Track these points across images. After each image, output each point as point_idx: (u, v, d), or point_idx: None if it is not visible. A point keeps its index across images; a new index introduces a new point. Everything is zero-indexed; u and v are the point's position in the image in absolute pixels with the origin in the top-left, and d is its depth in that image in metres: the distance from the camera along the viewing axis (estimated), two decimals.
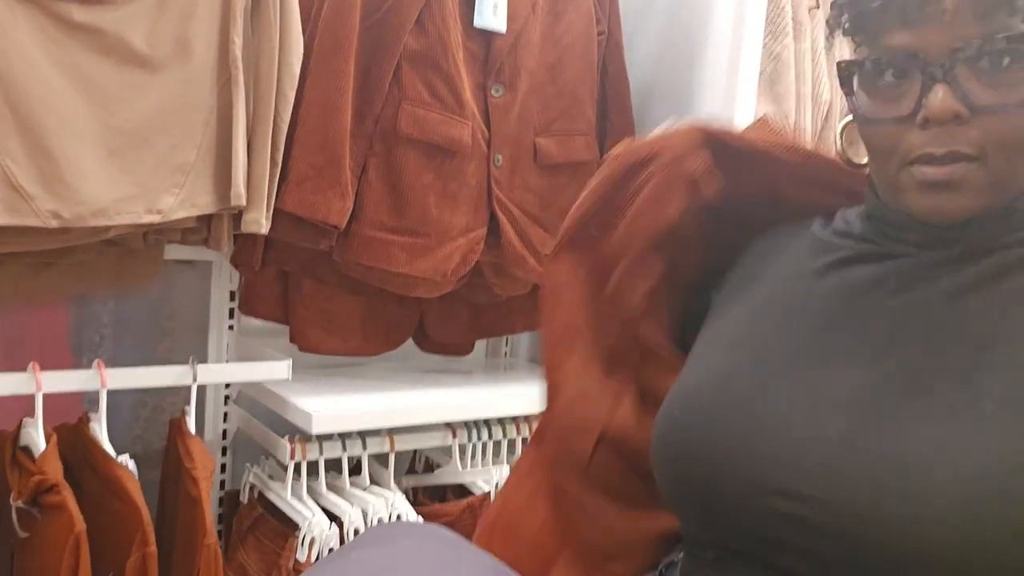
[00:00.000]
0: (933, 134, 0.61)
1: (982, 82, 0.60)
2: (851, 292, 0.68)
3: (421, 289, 1.51)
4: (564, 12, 1.55)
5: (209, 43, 1.19)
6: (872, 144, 0.66)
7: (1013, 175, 0.63)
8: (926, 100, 0.61)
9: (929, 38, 0.61)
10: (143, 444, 1.65)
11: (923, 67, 0.61)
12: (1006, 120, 0.61)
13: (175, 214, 1.19)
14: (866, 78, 0.65)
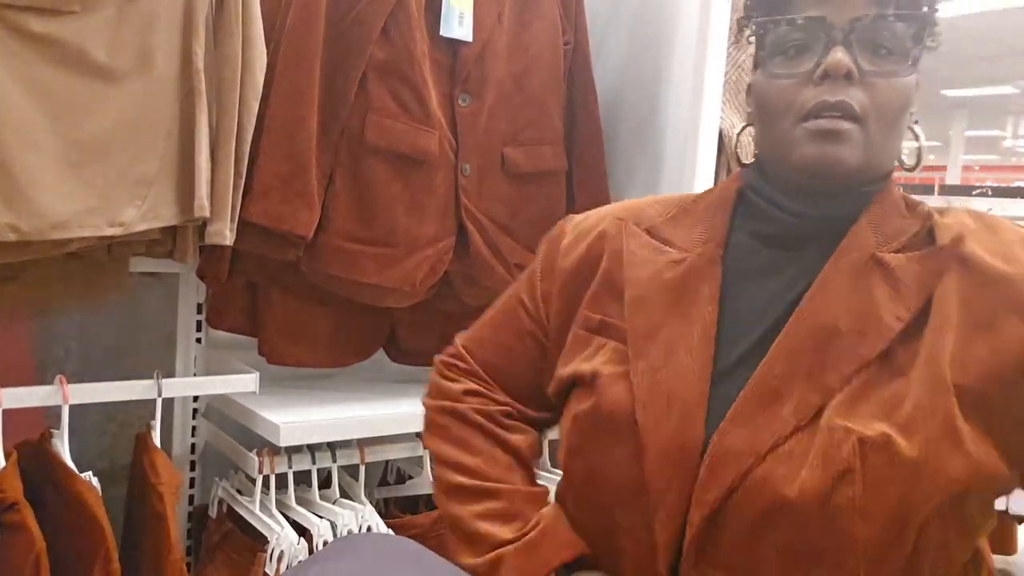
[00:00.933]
0: (827, 87, 0.72)
1: (869, 53, 0.73)
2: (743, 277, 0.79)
3: (391, 299, 1.50)
4: (530, 22, 1.56)
5: (171, 54, 1.18)
6: (771, 101, 0.76)
7: (884, 147, 0.75)
8: (826, 59, 0.72)
9: (832, 10, 0.73)
10: (110, 460, 1.63)
11: (827, 30, 0.73)
12: (884, 89, 0.73)
13: (137, 226, 1.18)
14: (775, 39, 0.76)
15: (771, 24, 0.76)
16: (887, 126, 0.74)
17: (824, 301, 0.73)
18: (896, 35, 0.73)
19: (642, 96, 1.68)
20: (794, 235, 0.78)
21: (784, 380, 0.71)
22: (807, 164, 0.74)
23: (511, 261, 1.56)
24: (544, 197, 1.60)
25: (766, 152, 0.80)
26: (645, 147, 1.68)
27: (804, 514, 0.67)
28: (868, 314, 0.71)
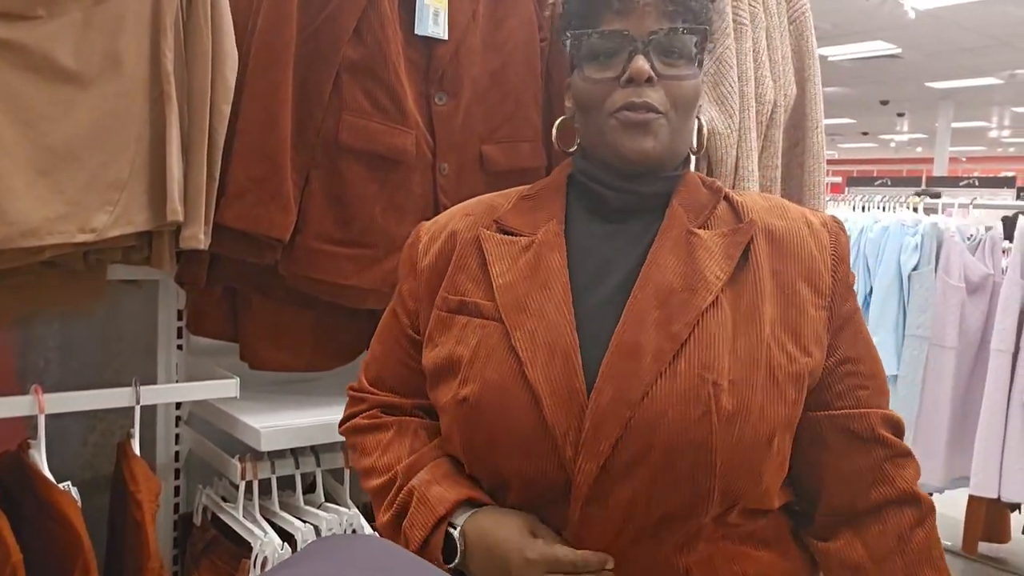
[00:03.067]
0: (632, 90, 0.89)
1: (663, 60, 0.91)
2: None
3: (372, 301, 1.49)
4: (506, 19, 1.55)
5: (139, 57, 1.17)
6: (588, 100, 0.93)
7: (681, 134, 0.93)
8: (629, 65, 0.89)
9: (633, 24, 0.90)
10: (92, 470, 1.62)
11: (630, 42, 0.90)
12: (678, 87, 0.91)
13: (110, 232, 1.16)
14: (588, 52, 0.92)
15: (584, 36, 0.92)
16: (682, 118, 0.93)
17: (658, 268, 0.89)
18: (684, 45, 0.92)
19: None
20: (619, 209, 0.95)
21: (639, 335, 0.85)
22: (621, 152, 0.91)
23: None
24: None
25: (587, 141, 0.96)
26: None
27: (674, 449, 0.82)
28: (694, 275, 0.88)
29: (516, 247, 0.94)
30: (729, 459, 0.82)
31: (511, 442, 0.86)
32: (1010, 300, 2.88)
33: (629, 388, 0.82)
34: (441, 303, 0.95)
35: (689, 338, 0.84)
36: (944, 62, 10.52)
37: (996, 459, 2.89)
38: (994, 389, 2.90)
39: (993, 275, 3.02)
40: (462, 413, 0.89)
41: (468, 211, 1.02)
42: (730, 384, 0.83)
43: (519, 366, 0.85)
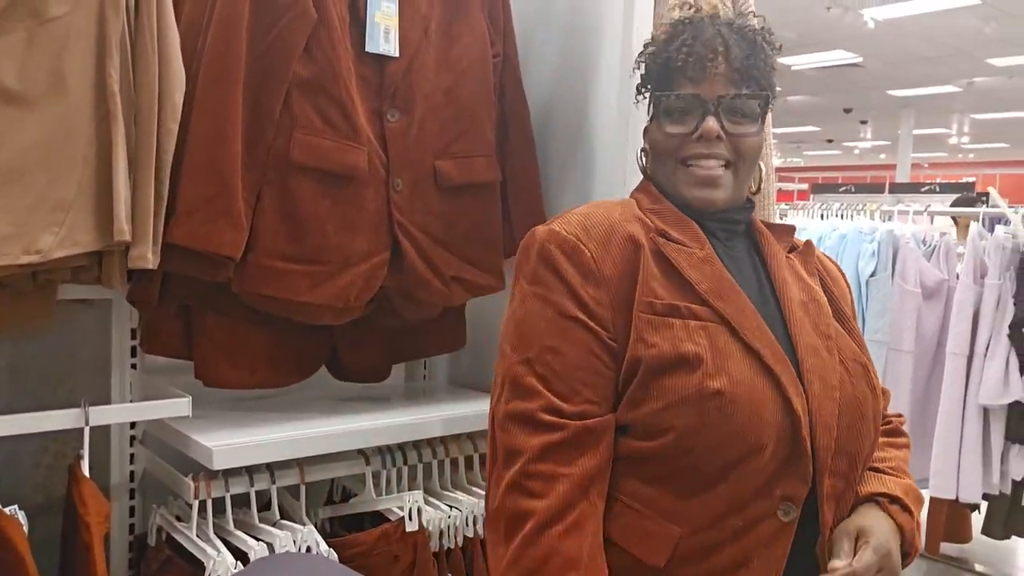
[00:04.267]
0: (703, 144, 1.09)
1: (730, 120, 1.09)
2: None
3: (327, 316, 1.49)
4: (459, 36, 1.57)
5: (85, 77, 1.16)
6: (663, 150, 1.12)
7: (744, 182, 1.13)
8: (702, 124, 1.08)
9: (705, 89, 1.09)
10: (45, 492, 1.60)
11: (702, 104, 1.09)
12: (742, 143, 1.10)
13: (55, 253, 1.16)
14: (666, 109, 1.11)
15: (663, 97, 1.11)
16: (747, 169, 1.12)
17: (787, 285, 1.11)
18: (748, 107, 1.09)
19: (573, 106, 1.69)
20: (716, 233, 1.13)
21: (807, 337, 1.06)
22: (691, 201, 1.10)
23: (447, 274, 1.56)
24: (479, 209, 1.61)
25: (658, 181, 1.15)
26: (577, 156, 1.69)
27: (864, 416, 1.06)
28: (809, 288, 1.12)
29: (695, 258, 1.07)
30: (878, 417, 1.10)
31: (762, 430, 0.98)
32: (963, 304, 2.94)
33: (827, 376, 1.04)
34: (646, 307, 1.02)
35: (833, 335, 1.08)
36: (904, 71, 10.73)
37: (954, 461, 2.94)
38: (950, 392, 2.95)
39: (948, 280, 3.08)
40: (714, 404, 0.97)
41: (623, 217, 1.09)
42: (866, 363, 1.10)
43: (760, 362, 1.00)
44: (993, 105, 12.94)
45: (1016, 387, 2.84)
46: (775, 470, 0.99)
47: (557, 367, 0.99)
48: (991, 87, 11.46)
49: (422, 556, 1.49)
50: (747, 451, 0.98)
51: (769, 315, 1.06)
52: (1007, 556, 3.64)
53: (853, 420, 1.04)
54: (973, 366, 2.93)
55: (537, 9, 1.77)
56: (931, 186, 9.13)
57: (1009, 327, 2.84)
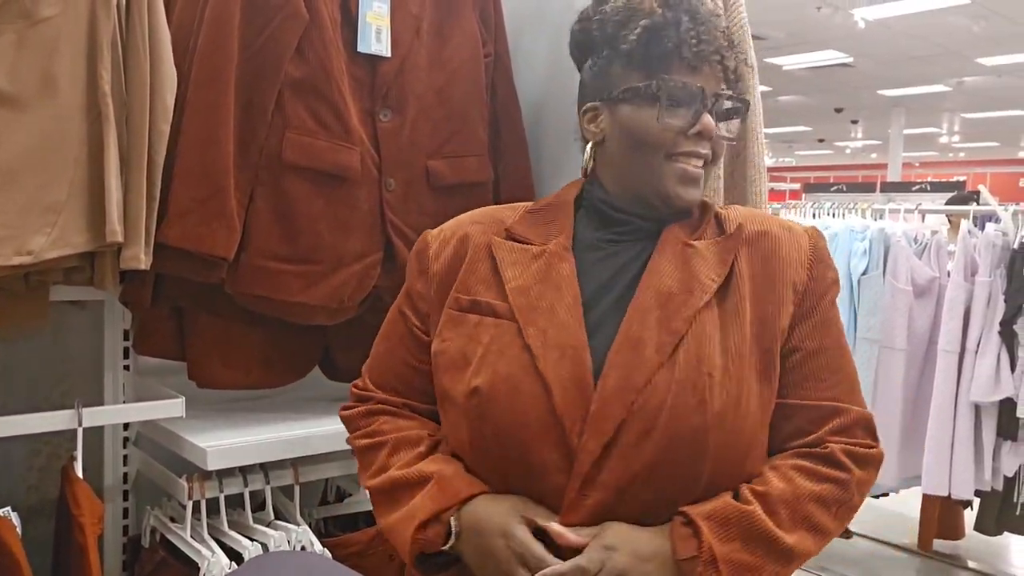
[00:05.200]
0: (696, 141, 1.00)
1: (720, 120, 1.02)
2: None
3: (320, 317, 1.49)
4: (450, 36, 1.57)
5: (76, 78, 1.16)
6: (655, 140, 1.00)
7: (709, 181, 1.08)
8: (701, 120, 0.99)
9: (705, 80, 1.00)
10: (38, 494, 1.59)
11: (702, 98, 0.99)
12: (720, 145, 1.03)
13: (47, 254, 1.16)
14: (668, 94, 0.98)
15: (666, 82, 0.99)
16: (714, 168, 1.08)
17: (657, 275, 0.98)
18: (736, 111, 1.04)
19: (565, 106, 1.68)
20: (624, 231, 1.03)
21: (642, 331, 0.93)
22: (672, 198, 1.01)
23: None
24: (471, 209, 1.60)
25: (625, 174, 1.04)
26: (570, 156, 1.69)
27: (674, 435, 0.89)
28: (691, 279, 0.97)
29: (527, 255, 1.02)
30: (719, 445, 0.90)
31: (520, 431, 0.92)
32: (955, 302, 2.95)
33: (633, 376, 0.91)
34: (453, 302, 1.02)
35: (687, 334, 0.93)
36: (894, 70, 10.78)
37: (946, 458, 2.96)
38: (942, 389, 2.97)
39: (939, 278, 3.09)
40: (473, 403, 0.95)
41: (476, 219, 1.10)
42: (722, 376, 0.92)
43: (531, 360, 0.93)
44: (983, 104, 13.02)
45: (1007, 384, 2.85)
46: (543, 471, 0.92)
47: (377, 359, 1.13)
48: (981, 86, 11.53)
49: None
50: (513, 448, 0.93)
51: (621, 309, 0.97)
52: (1000, 552, 3.66)
53: (651, 429, 0.89)
54: (964, 363, 2.94)
55: (528, 8, 1.77)
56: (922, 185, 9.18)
57: (1000, 324, 2.85)
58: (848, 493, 0.94)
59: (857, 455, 0.95)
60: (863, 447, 0.96)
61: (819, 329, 0.99)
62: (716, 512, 0.89)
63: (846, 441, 0.96)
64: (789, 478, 0.92)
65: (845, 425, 0.96)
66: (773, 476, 0.93)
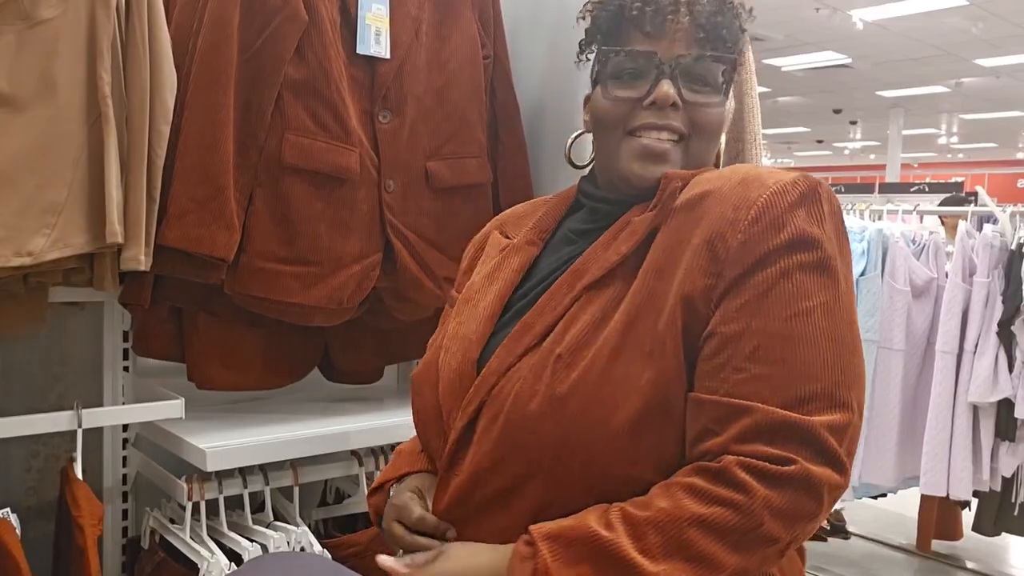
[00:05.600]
0: (655, 112, 0.89)
1: (689, 85, 0.90)
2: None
3: (319, 318, 1.49)
4: (449, 38, 1.57)
5: (75, 80, 1.16)
6: (607, 118, 0.92)
7: (702, 156, 0.91)
8: (655, 89, 0.88)
9: (662, 47, 0.89)
10: (37, 496, 1.59)
11: (657, 64, 0.89)
12: (702, 113, 0.90)
13: (47, 255, 1.16)
14: (614, 69, 0.91)
15: (611, 54, 0.91)
16: (703, 144, 0.92)
17: (583, 259, 0.89)
18: (711, 72, 0.90)
19: (563, 106, 1.70)
20: (601, 219, 0.93)
21: (540, 317, 0.87)
22: (630, 176, 0.90)
23: (440, 275, 1.57)
24: (470, 210, 1.61)
25: (598, 158, 0.97)
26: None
27: (512, 420, 0.82)
28: (600, 259, 0.87)
29: (498, 248, 1.02)
30: (562, 434, 0.79)
31: (421, 418, 0.97)
32: (953, 303, 2.95)
33: (504, 361, 0.86)
34: (450, 300, 1.06)
35: (564, 315, 0.85)
36: (892, 71, 10.79)
37: (944, 459, 2.96)
38: (940, 390, 2.97)
39: (937, 278, 3.10)
40: (412, 388, 1.00)
41: (498, 218, 1.11)
42: (573, 361, 0.80)
43: (440, 353, 0.95)
44: (981, 105, 13.03)
45: (1005, 384, 2.85)
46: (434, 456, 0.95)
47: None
48: (979, 87, 11.54)
49: None
50: (421, 435, 0.99)
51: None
52: (998, 553, 3.66)
53: (498, 415, 0.83)
54: (963, 364, 2.95)
55: (526, 9, 1.77)
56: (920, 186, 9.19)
57: (998, 325, 2.86)
58: (749, 519, 0.72)
59: (761, 471, 0.73)
60: (773, 460, 0.73)
61: (747, 307, 0.77)
62: (563, 532, 0.76)
63: (748, 452, 0.74)
64: (674, 497, 0.75)
65: (749, 430, 0.75)
66: (657, 493, 0.76)
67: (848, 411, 0.77)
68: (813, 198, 0.81)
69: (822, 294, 0.78)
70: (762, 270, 0.79)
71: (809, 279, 0.78)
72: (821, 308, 0.78)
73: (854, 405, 0.78)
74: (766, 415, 0.75)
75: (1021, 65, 10.05)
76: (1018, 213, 2.98)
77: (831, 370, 0.77)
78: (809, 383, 0.76)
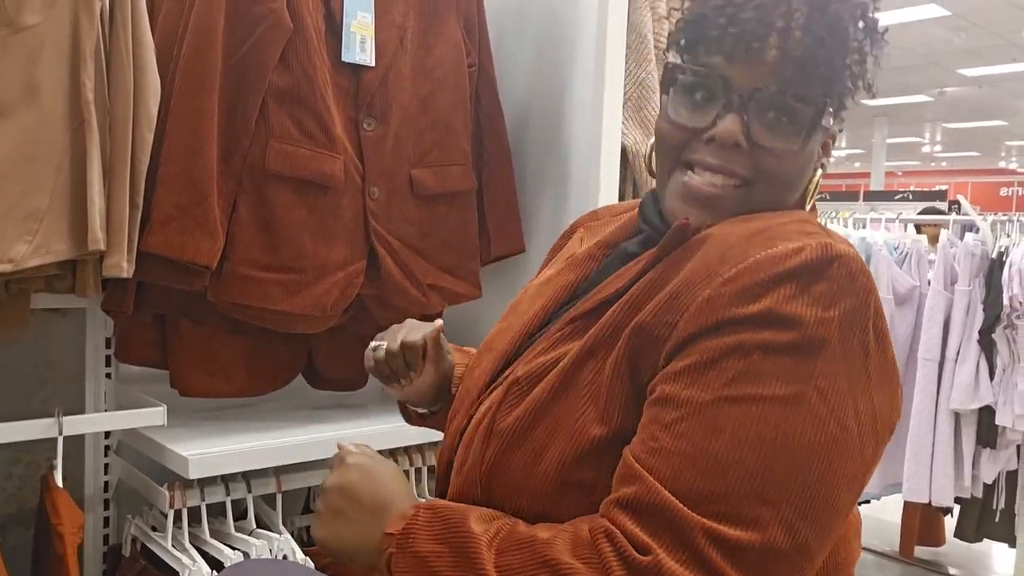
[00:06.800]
0: (714, 150, 0.77)
1: (763, 124, 0.76)
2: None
3: (302, 325, 1.49)
4: (434, 46, 1.58)
5: (59, 86, 1.16)
6: (664, 141, 0.81)
7: (772, 204, 0.78)
8: (720, 121, 0.76)
9: (740, 72, 0.76)
10: (18, 503, 1.58)
11: (727, 91, 0.76)
12: (772, 159, 0.76)
13: (29, 262, 1.15)
14: (683, 86, 0.79)
15: (678, 70, 0.80)
16: (775, 192, 0.78)
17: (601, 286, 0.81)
18: (794, 111, 0.76)
19: (548, 114, 1.71)
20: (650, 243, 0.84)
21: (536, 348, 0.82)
22: (672, 216, 0.80)
23: (424, 282, 1.57)
24: (455, 217, 1.62)
25: (656, 178, 0.85)
26: (553, 163, 1.71)
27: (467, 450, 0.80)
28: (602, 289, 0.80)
29: (565, 255, 0.97)
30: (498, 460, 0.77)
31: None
32: (935, 311, 2.98)
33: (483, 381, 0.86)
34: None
35: (542, 346, 0.81)
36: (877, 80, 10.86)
37: (926, 465, 2.98)
38: (922, 397, 2.99)
39: (919, 286, 3.13)
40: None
41: (595, 211, 1.05)
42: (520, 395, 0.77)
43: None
44: (964, 114, 13.16)
45: (986, 392, 2.88)
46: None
47: None
48: (962, 97, 11.65)
49: None
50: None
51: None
52: (980, 559, 3.69)
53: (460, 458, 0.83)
54: (944, 371, 2.97)
55: (511, 17, 1.78)
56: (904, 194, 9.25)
57: (979, 333, 2.89)
58: None
59: (619, 548, 0.65)
60: (633, 542, 0.65)
61: (687, 373, 0.68)
62: (443, 510, 0.74)
63: (619, 524, 0.66)
64: (554, 534, 0.69)
65: (629, 500, 0.67)
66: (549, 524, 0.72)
67: (757, 531, 0.63)
68: (816, 274, 0.67)
69: (782, 385, 0.65)
70: (716, 337, 0.68)
71: (771, 363, 0.66)
72: (773, 401, 0.65)
73: (772, 527, 0.63)
74: (648, 491, 0.66)
75: (1003, 75, 10.16)
76: (999, 222, 3.01)
77: (747, 478, 0.64)
78: (713, 481, 0.64)
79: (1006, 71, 9.90)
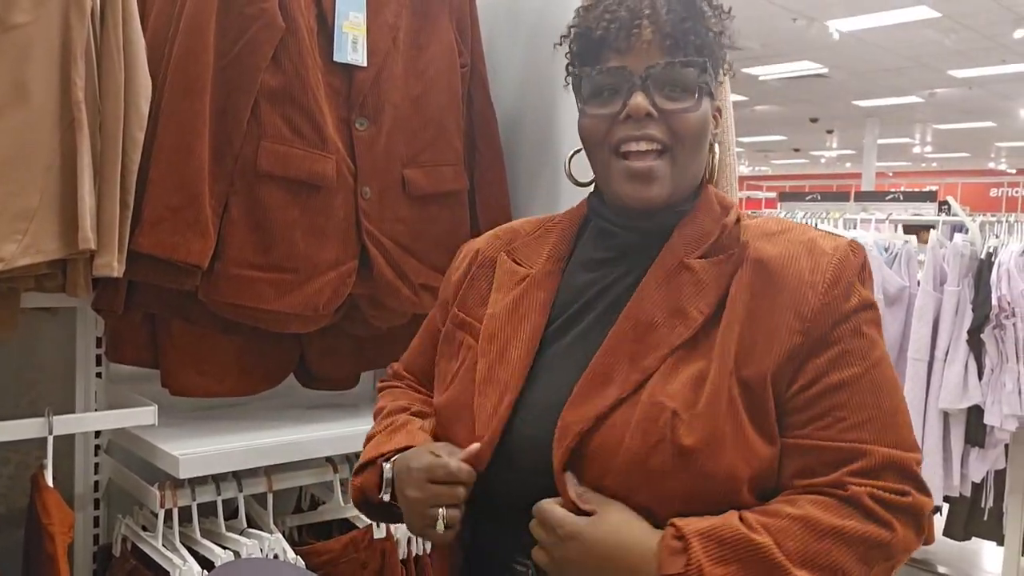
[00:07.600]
0: (632, 125, 0.89)
1: (664, 94, 0.90)
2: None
3: (294, 325, 1.49)
4: (427, 46, 1.58)
5: (49, 85, 1.16)
6: (590, 137, 0.93)
7: (688, 170, 0.92)
8: (629, 101, 0.89)
9: (632, 61, 0.90)
10: (7, 503, 1.58)
11: (628, 77, 0.89)
12: (680, 120, 0.90)
13: (18, 261, 1.15)
14: (592, 89, 0.92)
15: (584, 75, 0.93)
16: (689, 151, 0.92)
17: (642, 302, 0.90)
18: (685, 78, 0.90)
19: (540, 114, 1.71)
20: (623, 243, 0.95)
21: (612, 366, 0.87)
22: (623, 199, 0.92)
23: (416, 282, 1.57)
24: (447, 217, 1.62)
25: (596, 178, 0.98)
26: (545, 163, 1.71)
27: (631, 476, 0.82)
28: (678, 310, 0.88)
29: (515, 278, 1.00)
30: (688, 490, 0.81)
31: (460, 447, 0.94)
32: (924, 311, 3.00)
33: (589, 411, 0.85)
34: (452, 317, 1.03)
35: (657, 371, 0.85)
36: (868, 81, 10.93)
37: None
38: (912, 397, 3.01)
39: (909, 287, 3.14)
40: (438, 419, 0.99)
41: (499, 234, 1.08)
42: (692, 416, 0.82)
43: (472, 392, 0.93)
44: (954, 116, 13.24)
45: (975, 392, 2.90)
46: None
47: (411, 348, 1.15)
48: (952, 98, 11.72)
49: (390, 563, 1.49)
50: None
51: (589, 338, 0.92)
52: (969, 557, 3.71)
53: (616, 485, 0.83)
54: (933, 371, 2.99)
55: (503, 18, 1.79)
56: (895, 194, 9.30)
57: (968, 333, 2.90)
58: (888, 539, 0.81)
59: (885, 501, 0.81)
60: (892, 492, 0.81)
61: (837, 361, 0.85)
62: (714, 531, 0.79)
63: (871, 484, 0.81)
64: (803, 509, 0.81)
65: (865, 470, 0.82)
66: (782, 503, 0.82)
67: (918, 449, 0.87)
68: (867, 265, 0.91)
69: (880, 346, 0.89)
70: (840, 328, 0.86)
71: (873, 333, 0.89)
72: (883, 358, 0.88)
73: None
74: (880, 456, 0.83)
75: (992, 76, 10.23)
76: (988, 223, 3.03)
77: (903, 413, 0.87)
78: (897, 426, 0.85)
79: (995, 73, 9.97)
